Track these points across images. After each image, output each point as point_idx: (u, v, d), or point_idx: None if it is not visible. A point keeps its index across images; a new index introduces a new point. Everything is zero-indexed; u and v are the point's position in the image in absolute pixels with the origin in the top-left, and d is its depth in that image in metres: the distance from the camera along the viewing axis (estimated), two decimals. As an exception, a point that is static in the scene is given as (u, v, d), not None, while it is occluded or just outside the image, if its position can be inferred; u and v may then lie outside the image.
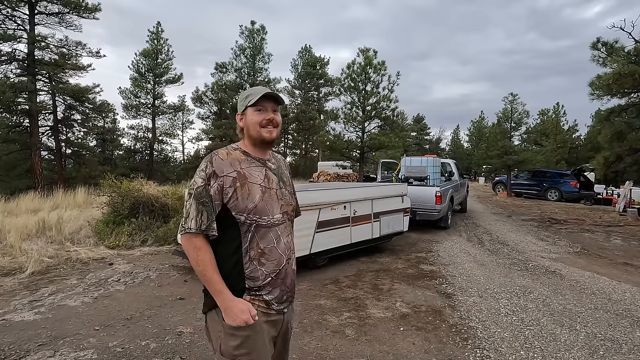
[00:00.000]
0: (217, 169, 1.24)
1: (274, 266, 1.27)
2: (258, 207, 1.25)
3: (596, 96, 10.66)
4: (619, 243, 7.21)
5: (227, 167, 1.25)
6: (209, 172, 1.23)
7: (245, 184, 1.25)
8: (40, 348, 2.66)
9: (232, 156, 1.29)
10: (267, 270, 1.26)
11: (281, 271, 1.29)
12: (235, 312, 1.18)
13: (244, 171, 1.27)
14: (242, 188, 1.24)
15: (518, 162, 17.98)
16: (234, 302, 1.19)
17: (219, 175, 1.23)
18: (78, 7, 18.25)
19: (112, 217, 6.44)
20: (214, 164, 1.24)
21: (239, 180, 1.24)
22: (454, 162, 10.81)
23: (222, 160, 1.26)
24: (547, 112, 36.02)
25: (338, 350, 2.72)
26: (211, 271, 1.18)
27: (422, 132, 48.37)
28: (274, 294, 1.28)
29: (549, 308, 3.62)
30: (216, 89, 28.92)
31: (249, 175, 1.27)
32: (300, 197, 5.08)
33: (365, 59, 14.02)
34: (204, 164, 1.26)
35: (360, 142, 14.65)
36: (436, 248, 6.35)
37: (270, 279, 1.27)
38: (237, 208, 1.23)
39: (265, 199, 1.28)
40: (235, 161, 1.28)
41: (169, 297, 3.77)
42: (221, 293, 1.19)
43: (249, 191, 1.25)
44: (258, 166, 1.32)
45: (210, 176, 1.23)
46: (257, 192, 1.26)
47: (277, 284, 1.29)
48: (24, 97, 18.15)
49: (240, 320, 1.17)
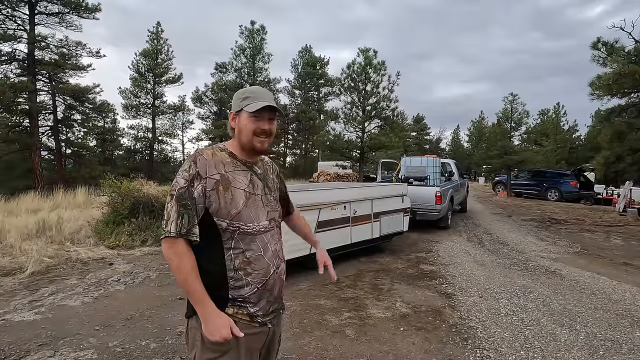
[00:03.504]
0: (201, 170, 1.16)
1: (261, 276, 1.20)
2: (242, 213, 1.18)
3: (596, 96, 10.65)
4: (619, 243, 7.21)
5: (211, 168, 1.17)
6: (193, 172, 1.15)
7: (228, 188, 1.17)
8: (40, 348, 2.66)
9: (217, 157, 1.21)
10: (253, 280, 1.18)
11: (268, 281, 1.22)
12: (216, 326, 1.10)
13: (228, 175, 1.19)
14: (225, 192, 1.17)
15: (518, 162, 18.00)
16: (214, 316, 1.11)
17: (202, 177, 1.15)
18: (78, 7, 18.27)
19: (112, 217, 6.44)
20: (198, 164, 1.16)
21: (221, 184, 1.17)
22: (454, 162, 10.81)
23: (207, 161, 1.18)
24: (547, 112, 36.05)
25: (338, 350, 2.72)
26: (193, 279, 1.10)
27: (422, 132, 48.38)
28: (260, 306, 1.20)
29: (549, 308, 3.62)
30: (216, 89, 28.96)
31: (233, 180, 1.20)
32: (300, 197, 5.05)
33: (365, 59, 14.05)
34: (187, 164, 1.17)
35: (360, 142, 14.67)
36: (436, 248, 6.35)
37: (257, 289, 1.19)
38: (219, 213, 1.15)
39: (250, 205, 1.20)
40: (219, 163, 1.20)
41: (169, 297, 3.77)
42: (202, 303, 1.11)
43: (232, 196, 1.17)
44: (243, 170, 1.25)
45: (194, 177, 1.14)
46: (241, 197, 1.19)
47: (264, 295, 1.21)
48: (24, 97, 18.18)
49: (220, 336, 1.09)
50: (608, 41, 10.27)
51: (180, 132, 32.38)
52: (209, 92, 29.77)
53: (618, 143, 10.75)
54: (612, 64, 10.26)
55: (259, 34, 28.35)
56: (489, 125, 34.62)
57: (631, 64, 9.76)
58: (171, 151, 31.99)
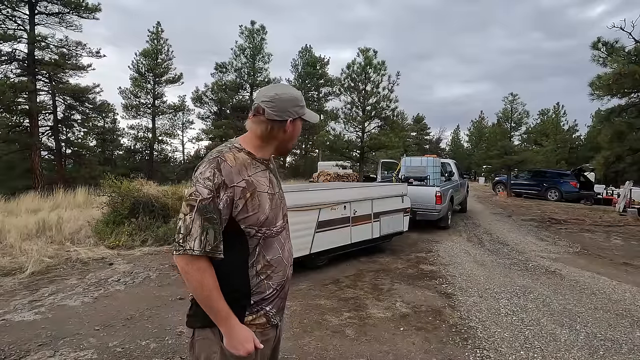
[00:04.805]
0: (227, 178, 1.05)
1: (280, 277, 1.18)
2: (269, 217, 1.13)
3: (596, 96, 10.65)
4: (619, 243, 7.21)
5: (236, 175, 1.07)
6: (218, 181, 1.03)
7: (254, 194, 1.10)
8: (40, 348, 2.66)
9: (240, 161, 1.11)
10: (274, 283, 1.16)
11: (286, 281, 1.21)
12: (240, 341, 1.06)
13: (251, 179, 1.11)
14: (253, 199, 1.09)
15: (518, 162, 18.00)
16: (238, 330, 1.07)
17: (229, 186, 1.05)
18: (78, 7, 18.27)
19: (112, 217, 6.44)
20: (222, 171, 1.05)
21: (248, 191, 1.08)
22: (454, 162, 10.81)
23: (231, 167, 1.07)
24: (547, 112, 36.06)
25: (338, 350, 2.72)
26: (217, 297, 1.03)
27: (422, 132, 48.37)
28: (274, 303, 1.19)
29: (549, 308, 3.62)
30: (216, 89, 28.96)
31: (257, 184, 1.12)
32: (300, 197, 5.05)
33: (365, 59, 14.04)
34: (210, 171, 1.04)
35: (360, 142, 14.66)
36: (436, 248, 6.35)
37: (276, 291, 1.18)
38: (248, 221, 1.09)
39: (274, 208, 1.16)
40: (242, 167, 1.11)
41: (169, 297, 3.77)
42: (227, 321, 1.05)
43: (259, 201, 1.11)
44: (263, 170, 1.18)
45: (220, 187, 1.03)
46: (266, 201, 1.13)
47: (280, 295, 1.20)
48: (24, 97, 18.18)
49: (244, 350, 1.06)
50: (608, 41, 10.28)
51: (180, 132, 32.47)
52: (209, 92, 29.78)
53: (618, 143, 10.75)
54: (612, 64, 10.27)
55: (259, 34, 28.37)
56: (489, 125, 34.65)
57: (631, 64, 9.76)
58: (171, 151, 32.08)
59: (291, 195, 4.21)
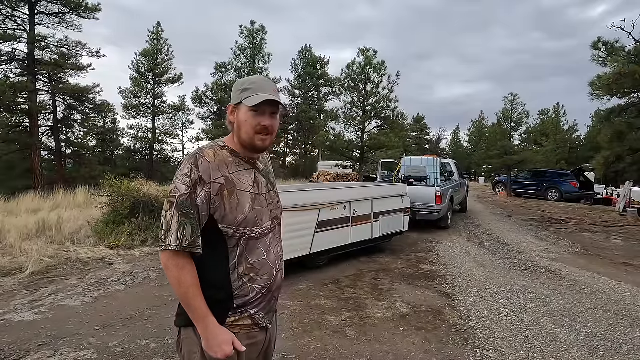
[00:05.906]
0: (204, 174, 1.05)
1: (265, 281, 1.15)
2: (248, 217, 1.10)
3: (596, 96, 10.65)
4: (619, 243, 7.21)
5: (214, 171, 1.07)
6: (195, 177, 1.04)
7: (233, 192, 1.08)
8: (40, 348, 2.66)
9: (220, 158, 1.10)
10: (257, 286, 1.13)
11: (272, 285, 1.17)
12: (218, 343, 1.03)
13: (232, 177, 1.10)
14: (231, 197, 1.07)
15: (518, 162, 18.00)
16: (216, 332, 1.04)
17: (206, 182, 1.05)
18: (78, 7, 18.26)
19: (112, 217, 6.44)
20: (200, 167, 1.05)
21: (226, 188, 1.07)
22: (454, 162, 10.81)
23: (209, 163, 1.07)
24: (547, 112, 36.06)
25: (338, 350, 2.72)
26: (194, 295, 1.02)
27: (422, 132, 48.37)
28: (260, 307, 1.15)
29: (549, 308, 3.62)
30: (216, 89, 28.94)
31: (238, 182, 1.11)
32: (300, 197, 5.06)
33: (365, 59, 14.05)
34: (188, 167, 1.05)
35: (360, 142, 14.67)
36: (436, 248, 6.35)
37: (261, 295, 1.14)
38: (225, 220, 1.07)
39: (256, 208, 1.13)
40: (222, 164, 1.10)
41: (169, 297, 3.77)
42: (204, 320, 1.03)
43: (238, 200, 1.09)
44: (247, 169, 1.16)
45: (197, 182, 1.03)
46: (247, 200, 1.11)
47: (266, 298, 1.17)
48: (24, 97, 18.16)
49: (222, 353, 1.03)
50: (608, 41, 10.27)
51: (180, 132, 32.38)
52: (209, 92, 29.76)
53: (618, 143, 10.74)
54: (612, 64, 10.26)
55: (259, 34, 28.34)
56: (489, 125, 34.65)
57: (631, 64, 9.76)
58: (171, 151, 31.99)
59: (291, 195, 4.21)
